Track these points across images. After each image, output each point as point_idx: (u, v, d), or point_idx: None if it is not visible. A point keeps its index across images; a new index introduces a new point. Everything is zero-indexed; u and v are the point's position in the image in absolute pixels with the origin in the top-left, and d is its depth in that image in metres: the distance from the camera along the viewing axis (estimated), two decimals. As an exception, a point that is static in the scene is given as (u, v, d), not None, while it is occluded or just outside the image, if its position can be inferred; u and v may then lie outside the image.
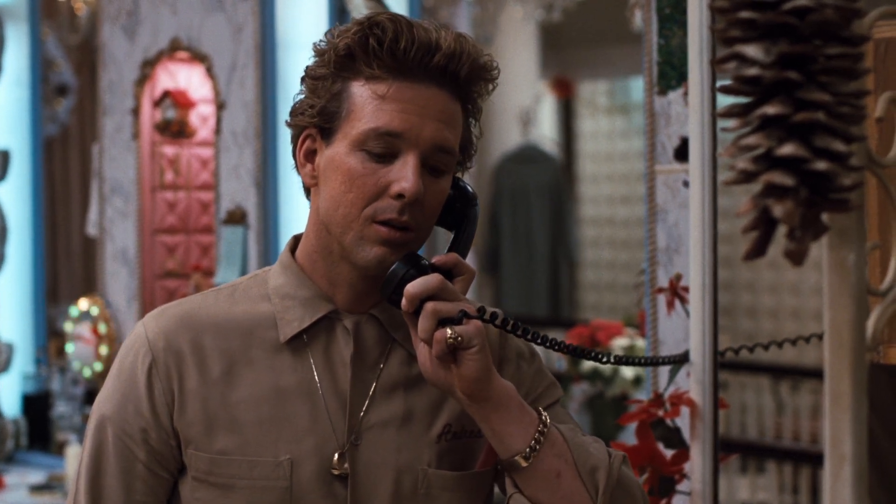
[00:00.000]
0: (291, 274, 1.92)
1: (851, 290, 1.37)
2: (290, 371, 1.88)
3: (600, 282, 10.96)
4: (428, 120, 1.82)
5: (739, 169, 1.30)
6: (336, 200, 1.83)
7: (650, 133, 2.96)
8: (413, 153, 1.82)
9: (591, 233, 11.01)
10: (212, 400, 1.86)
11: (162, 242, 4.91)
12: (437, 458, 1.91)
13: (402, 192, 1.80)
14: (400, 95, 1.81)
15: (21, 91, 5.42)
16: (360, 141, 1.81)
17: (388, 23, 1.82)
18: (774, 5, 1.29)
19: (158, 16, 4.71)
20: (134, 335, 1.91)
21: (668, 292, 2.42)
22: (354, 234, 1.83)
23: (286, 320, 1.89)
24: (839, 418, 1.37)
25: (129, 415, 1.87)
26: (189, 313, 1.91)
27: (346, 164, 1.82)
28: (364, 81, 1.82)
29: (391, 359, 1.93)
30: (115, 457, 1.88)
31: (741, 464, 6.06)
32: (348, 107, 1.83)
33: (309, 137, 1.88)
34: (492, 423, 1.83)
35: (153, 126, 4.85)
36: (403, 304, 1.81)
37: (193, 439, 1.86)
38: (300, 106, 1.89)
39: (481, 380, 1.81)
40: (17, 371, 5.39)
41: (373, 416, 1.89)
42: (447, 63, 1.83)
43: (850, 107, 1.31)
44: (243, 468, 1.84)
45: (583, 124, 11.26)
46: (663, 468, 2.28)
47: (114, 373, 1.92)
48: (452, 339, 1.78)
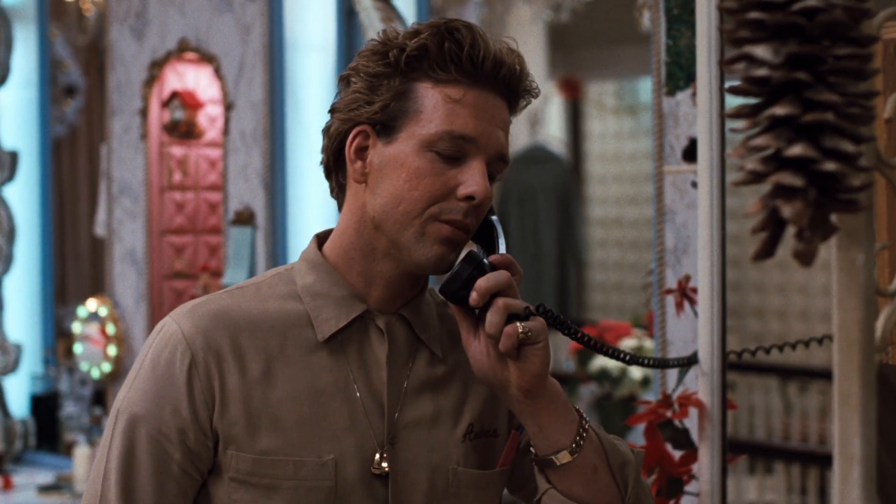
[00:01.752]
0: (323, 272, 1.92)
1: (860, 291, 1.36)
2: (326, 370, 1.88)
3: (608, 282, 10.96)
4: (495, 128, 1.86)
5: (748, 170, 1.30)
6: (398, 197, 1.84)
7: (658, 134, 2.96)
8: (481, 158, 1.84)
9: (599, 233, 11.00)
10: (254, 399, 1.85)
11: (170, 243, 4.91)
12: (464, 457, 1.94)
13: (472, 195, 1.83)
14: (474, 101, 1.84)
15: (29, 92, 5.43)
16: (431, 142, 1.83)
17: (466, 30, 1.85)
18: (783, 6, 1.29)
19: (166, 17, 4.71)
20: (167, 333, 1.88)
21: (676, 293, 2.42)
22: (415, 231, 1.84)
23: (322, 319, 1.89)
24: (848, 419, 1.37)
25: (167, 415, 1.84)
26: (223, 311, 1.89)
27: (413, 163, 1.83)
28: (433, 84, 1.84)
29: (418, 359, 1.94)
30: (149, 458, 1.85)
31: (749, 465, 6.05)
32: (416, 107, 1.84)
33: (361, 134, 1.88)
34: (541, 419, 1.86)
35: (161, 127, 4.86)
36: (473, 299, 1.82)
37: (235, 440, 1.85)
38: (353, 102, 1.88)
39: (542, 375, 1.84)
40: (25, 371, 5.39)
41: (406, 415, 1.91)
42: (510, 77, 1.87)
43: (859, 107, 1.30)
44: (289, 469, 1.84)
45: (591, 125, 11.26)
46: (671, 469, 2.28)
47: (146, 371, 1.88)
48: (524, 334, 1.80)
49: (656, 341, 2.99)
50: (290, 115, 4.36)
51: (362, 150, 1.88)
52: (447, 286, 1.85)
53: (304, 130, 4.37)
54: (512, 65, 1.87)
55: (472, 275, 1.83)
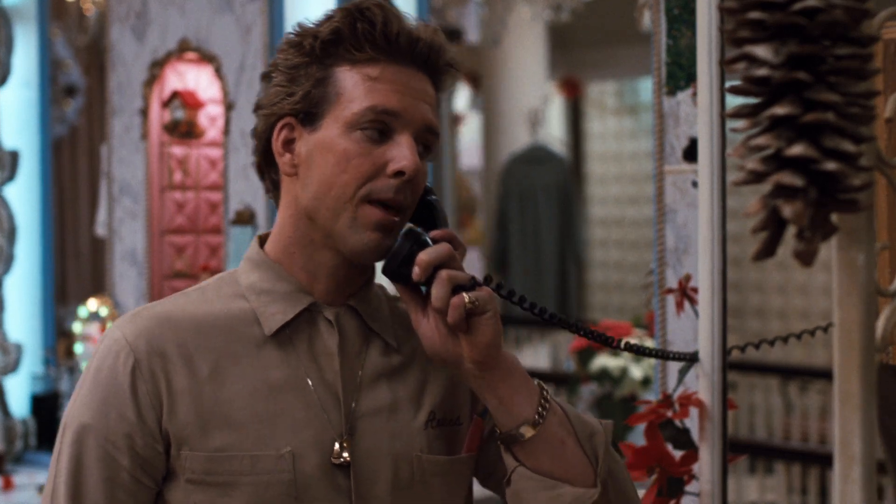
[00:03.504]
0: (266, 269, 1.91)
1: (861, 291, 1.36)
2: (277, 365, 1.86)
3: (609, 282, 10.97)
4: (419, 101, 1.86)
5: (749, 169, 1.30)
6: (328, 183, 1.83)
7: (659, 133, 2.96)
8: (408, 132, 1.84)
9: (600, 233, 11.02)
10: (204, 398, 1.82)
11: (171, 243, 4.91)
12: (427, 445, 1.92)
13: (402, 170, 1.81)
14: (392, 77, 1.84)
15: (30, 92, 5.42)
16: (354, 122, 1.83)
17: (377, 8, 1.85)
18: (783, 6, 1.29)
19: (167, 17, 4.71)
20: (110, 340, 1.85)
21: (677, 293, 2.42)
22: (347, 217, 1.83)
23: (268, 314, 1.88)
24: (848, 419, 1.37)
25: (113, 421, 1.81)
26: (165, 314, 1.87)
27: (339, 146, 1.83)
28: (350, 66, 1.84)
29: (371, 349, 1.92)
30: (98, 467, 1.82)
31: (750, 464, 6.06)
32: (336, 90, 1.84)
33: (286, 126, 1.88)
34: (500, 392, 1.84)
35: (162, 126, 4.86)
36: (416, 273, 1.80)
37: (187, 439, 1.81)
38: (274, 96, 1.89)
39: (494, 345, 1.82)
40: (25, 371, 5.39)
41: (363, 405, 1.89)
42: (429, 52, 1.87)
43: (860, 107, 1.31)
44: (245, 463, 1.81)
45: (591, 125, 11.27)
46: (672, 469, 2.28)
47: (89, 380, 1.85)
48: (471, 304, 1.79)
49: (657, 341, 2.99)
50: (291, 115, 4.36)
51: (289, 143, 1.88)
52: (388, 264, 1.84)
53: (305, 130, 4.37)
54: (429, 39, 1.87)
55: (413, 250, 1.82)
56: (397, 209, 1.84)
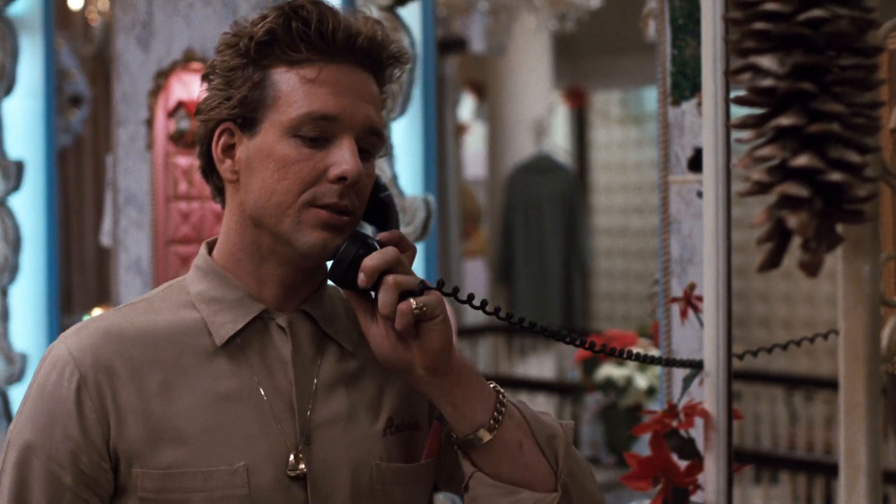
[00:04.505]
0: (214, 277, 1.86)
1: (866, 301, 1.36)
2: (228, 376, 1.81)
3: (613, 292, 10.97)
4: (359, 102, 1.80)
5: (754, 180, 1.30)
6: (268, 189, 1.78)
7: (663, 143, 2.96)
8: (348, 136, 1.78)
9: (605, 243, 11.02)
10: (153, 413, 1.77)
11: (176, 253, 4.92)
12: (387, 452, 1.87)
13: (343, 175, 1.76)
14: (331, 78, 1.79)
15: (35, 101, 5.43)
16: (292, 127, 1.77)
17: (312, 6, 1.79)
18: (789, 16, 1.29)
19: (172, 27, 4.72)
20: (53, 355, 1.81)
21: (681, 302, 2.42)
22: (291, 221, 1.78)
23: (218, 324, 1.83)
24: (854, 429, 1.37)
25: (57, 439, 1.76)
26: (111, 327, 1.81)
27: (278, 152, 1.77)
28: (287, 67, 1.79)
29: (326, 355, 1.88)
30: (42, 488, 1.77)
31: (755, 474, 6.05)
32: (273, 94, 1.79)
33: (226, 132, 1.83)
34: (453, 398, 1.80)
35: (167, 137, 4.86)
36: (361, 280, 1.76)
37: (137, 457, 1.76)
38: (211, 101, 1.83)
39: (445, 350, 1.77)
40: (30, 381, 5.39)
41: (319, 414, 1.84)
42: (370, 46, 1.81)
43: (865, 118, 1.31)
44: (198, 480, 1.76)
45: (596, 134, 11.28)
46: (677, 479, 2.27)
47: (32, 397, 1.81)
48: (418, 310, 1.74)
49: (662, 351, 2.99)
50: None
51: (229, 149, 1.83)
52: (334, 269, 1.80)
53: (310, 140, 4.37)
54: (369, 33, 1.81)
55: (359, 254, 1.78)
56: (342, 212, 1.79)
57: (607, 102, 11.19)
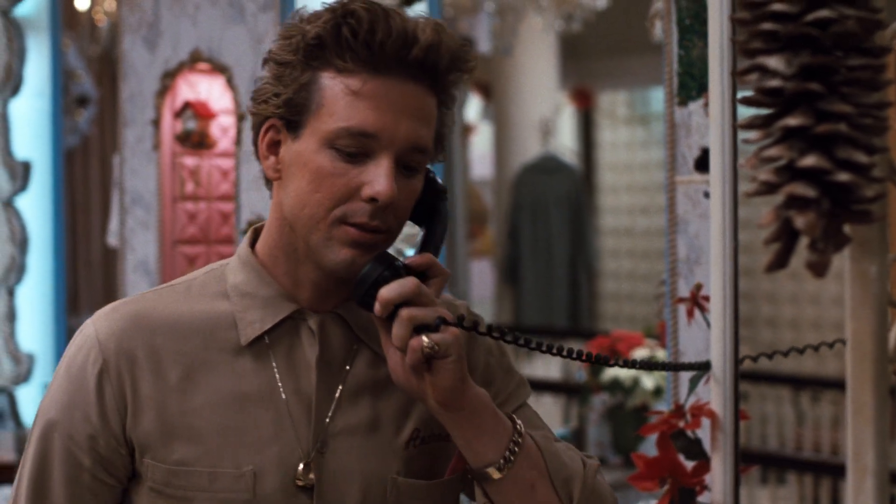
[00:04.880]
0: (251, 271, 1.82)
1: (873, 302, 1.36)
2: (251, 375, 1.78)
3: (620, 292, 10.97)
4: (403, 118, 1.72)
5: (761, 180, 1.30)
6: (302, 199, 1.73)
7: (670, 144, 2.96)
8: (387, 154, 1.71)
9: (611, 243, 11.02)
10: (169, 407, 1.76)
11: (182, 253, 4.92)
12: (406, 466, 1.82)
13: (375, 196, 1.70)
14: (375, 92, 1.71)
15: (42, 102, 5.43)
16: (330, 139, 1.71)
17: (364, 12, 1.70)
18: (796, 17, 1.29)
19: (179, 27, 4.72)
20: (83, 335, 1.81)
21: (688, 302, 2.41)
22: (322, 235, 1.73)
23: (246, 321, 1.79)
24: (861, 430, 1.37)
25: (77, 421, 1.77)
26: (142, 312, 1.79)
27: (314, 162, 1.72)
28: (335, 73, 1.72)
29: (358, 360, 1.83)
30: (61, 465, 1.79)
31: (762, 475, 6.05)
32: (318, 100, 1.73)
33: (272, 128, 1.78)
34: (464, 433, 1.74)
35: (174, 137, 4.86)
36: (377, 310, 1.70)
37: (150, 448, 1.76)
38: (263, 92, 1.79)
39: (456, 389, 1.71)
40: (37, 382, 5.39)
41: (339, 421, 1.79)
42: (425, 55, 1.72)
43: (872, 118, 1.30)
44: (203, 480, 1.75)
45: (602, 135, 11.27)
46: (684, 480, 2.27)
47: (61, 375, 1.81)
48: (429, 349, 1.68)
49: (668, 351, 2.99)
50: (303, 126, 4.36)
51: (275, 145, 1.79)
52: (355, 291, 1.74)
53: (317, 140, 4.37)
54: (425, 43, 1.71)
55: (381, 278, 1.71)
56: (375, 232, 1.73)
57: (614, 103, 11.19)
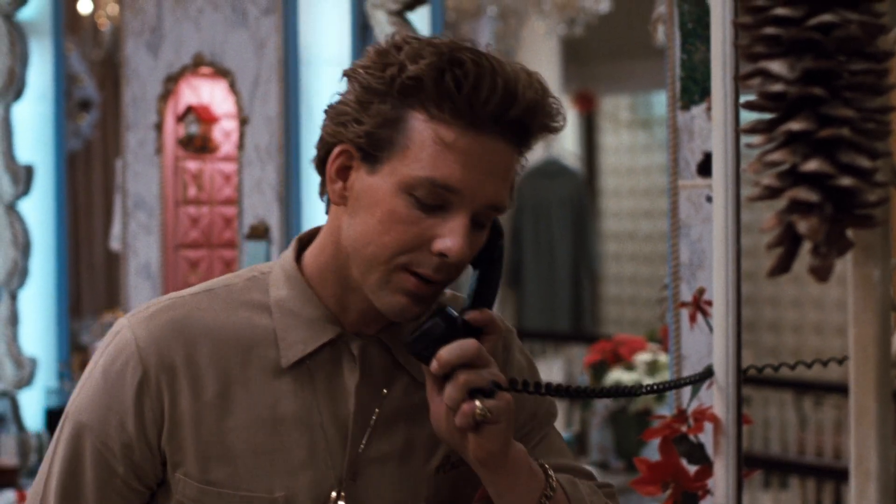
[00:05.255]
0: (297, 288, 1.78)
1: (876, 306, 1.36)
2: (289, 398, 1.76)
3: (622, 296, 10.96)
4: (489, 178, 1.67)
5: (764, 185, 1.30)
6: (368, 237, 1.68)
7: (673, 148, 2.96)
8: (465, 212, 1.67)
9: (614, 247, 11.01)
10: (205, 425, 1.74)
11: (185, 257, 4.92)
12: (435, 492, 1.83)
13: (445, 253, 1.66)
14: (466, 148, 1.65)
15: (44, 106, 5.44)
16: (411, 185, 1.65)
17: (472, 64, 1.63)
18: (799, 21, 1.29)
19: (181, 31, 4.72)
20: (121, 340, 1.76)
21: (690, 306, 2.41)
22: (380, 277, 1.69)
23: (289, 342, 1.76)
24: (864, 435, 1.36)
25: (112, 428, 1.74)
26: (182, 320, 1.75)
27: (388, 204, 1.66)
28: (428, 118, 1.65)
29: (395, 386, 1.82)
30: (93, 468, 1.76)
31: (764, 479, 6.05)
32: (404, 141, 1.66)
33: (345, 153, 1.71)
34: (498, 486, 1.74)
35: (176, 141, 4.86)
36: (434, 368, 1.68)
37: (182, 464, 1.75)
38: (343, 115, 1.70)
39: (499, 454, 1.72)
40: (40, 385, 5.40)
41: (373, 449, 1.79)
42: (521, 118, 1.68)
43: (875, 123, 1.30)
44: (234, 503, 1.74)
45: (605, 139, 11.27)
46: (686, 484, 2.27)
47: (96, 378, 1.77)
48: (481, 415, 1.67)
49: (671, 356, 2.99)
50: (305, 130, 4.37)
51: (345, 170, 1.72)
52: (414, 343, 1.72)
53: (319, 145, 4.37)
54: (525, 104, 1.67)
55: (443, 334, 1.70)
56: (435, 284, 1.71)
57: (616, 107, 11.18)
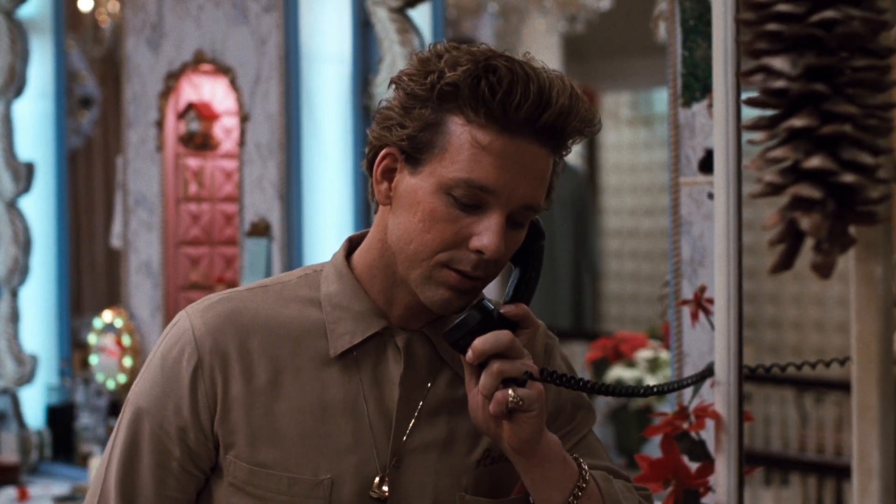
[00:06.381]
0: (346, 283, 1.89)
1: (879, 303, 1.36)
2: (336, 385, 1.85)
3: (624, 293, 10.95)
4: (523, 178, 1.78)
5: (766, 182, 1.29)
6: (410, 235, 1.80)
7: (674, 145, 2.96)
8: (500, 211, 1.78)
9: (615, 244, 11.00)
10: (256, 409, 1.83)
11: (186, 254, 4.92)
12: (475, 484, 1.90)
13: (482, 250, 1.76)
14: (501, 150, 1.76)
15: (45, 103, 5.44)
16: (448, 186, 1.76)
17: (506, 71, 1.75)
18: (801, 17, 1.29)
19: (182, 28, 4.72)
20: (180, 329, 1.87)
21: (692, 304, 2.41)
22: (422, 273, 1.80)
23: (337, 333, 1.86)
24: (866, 432, 1.36)
25: (169, 412, 1.85)
26: (237, 311, 1.87)
27: (428, 203, 1.78)
28: (465, 122, 1.76)
29: (439, 379, 1.90)
30: (151, 451, 1.86)
31: (765, 476, 6.04)
32: (443, 144, 1.77)
33: (390, 156, 1.82)
34: (532, 476, 1.83)
35: (177, 138, 4.86)
36: (469, 357, 1.78)
37: (234, 446, 1.84)
38: (389, 119, 1.82)
39: (532, 441, 1.80)
40: (41, 383, 5.40)
41: (416, 438, 1.87)
42: (554, 122, 1.78)
43: (878, 119, 1.30)
44: (283, 484, 1.82)
45: (606, 136, 11.25)
46: (688, 481, 2.27)
47: (155, 365, 1.88)
48: (514, 403, 1.77)
49: (672, 353, 2.99)
50: (306, 127, 4.36)
51: (390, 172, 1.83)
52: (451, 333, 1.82)
53: (320, 142, 4.37)
54: (558, 109, 1.77)
55: (479, 326, 1.79)
56: (474, 280, 1.81)
57: (617, 104, 11.17)
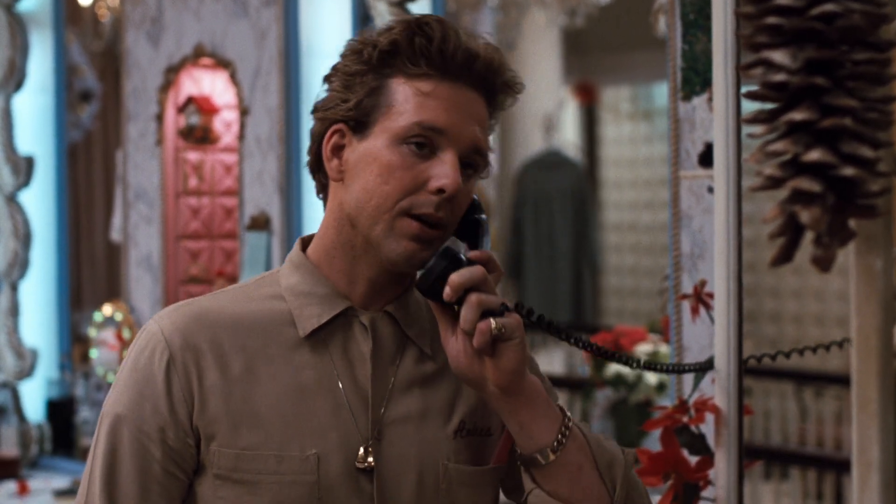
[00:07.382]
0: (305, 272, 1.94)
1: (878, 297, 1.36)
2: (309, 367, 1.89)
3: (623, 287, 10.96)
4: (468, 120, 1.87)
5: (766, 175, 1.30)
6: (370, 192, 1.85)
7: (674, 139, 2.96)
8: (452, 150, 1.85)
9: (614, 238, 11.01)
10: (234, 396, 1.86)
11: (186, 248, 4.92)
12: (455, 454, 1.93)
13: (443, 188, 1.83)
14: (444, 94, 1.86)
15: (45, 97, 5.43)
16: (401, 135, 1.85)
17: (436, 24, 1.87)
18: (801, 11, 1.29)
19: (182, 22, 4.72)
20: (147, 333, 1.91)
21: (692, 298, 2.41)
22: (384, 227, 1.85)
23: (304, 317, 1.90)
24: (866, 425, 1.36)
25: (147, 413, 1.86)
26: (204, 311, 1.91)
27: (384, 157, 1.85)
28: (405, 79, 1.86)
29: (406, 356, 1.94)
30: (132, 458, 1.87)
31: (765, 470, 6.05)
32: (388, 102, 1.86)
33: (337, 133, 1.90)
34: (521, 417, 1.85)
35: (177, 132, 4.86)
36: (447, 293, 1.82)
37: (216, 436, 1.85)
38: (329, 101, 1.91)
39: (518, 372, 1.83)
40: (41, 376, 5.40)
41: (393, 411, 1.91)
42: (486, 71, 1.88)
43: (877, 112, 1.30)
44: (270, 463, 1.84)
45: (606, 130, 11.26)
46: (688, 475, 2.27)
47: (126, 371, 1.91)
48: (497, 330, 1.80)
49: (672, 347, 2.99)
50: (306, 121, 4.36)
51: (339, 149, 1.91)
52: (422, 280, 1.85)
53: (320, 135, 4.36)
54: (487, 58, 1.88)
55: (447, 269, 1.83)
56: (436, 225, 1.86)
57: (617, 98, 11.18)
